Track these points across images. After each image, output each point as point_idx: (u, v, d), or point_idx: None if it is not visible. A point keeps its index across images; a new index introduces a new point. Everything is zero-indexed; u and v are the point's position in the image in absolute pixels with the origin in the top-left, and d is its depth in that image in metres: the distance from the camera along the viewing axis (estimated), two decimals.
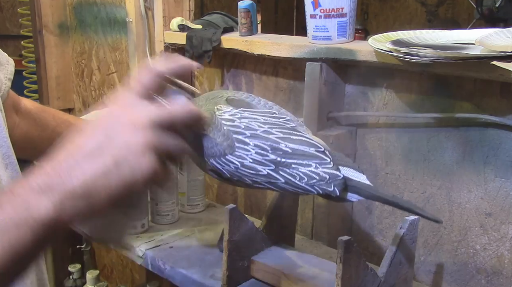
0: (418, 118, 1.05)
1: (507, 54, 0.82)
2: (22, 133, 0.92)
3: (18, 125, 0.92)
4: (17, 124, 0.92)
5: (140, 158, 0.50)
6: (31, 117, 0.95)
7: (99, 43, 1.75)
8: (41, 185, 0.49)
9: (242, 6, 1.24)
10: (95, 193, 0.49)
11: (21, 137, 0.91)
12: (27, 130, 0.93)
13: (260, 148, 0.85)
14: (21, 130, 0.92)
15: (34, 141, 0.94)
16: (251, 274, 0.98)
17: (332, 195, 0.84)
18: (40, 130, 0.95)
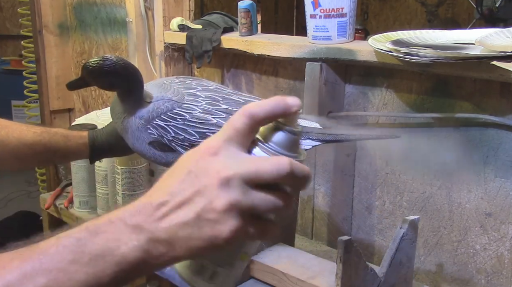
0: (418, 118, 1.05)
1: (507, 54, 0.82)
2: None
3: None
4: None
5: (221, 218, 0.48)
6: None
7: (99, 43, 1.75)
8: (134, 223, 0.49)
9: (242, 6, 1.24)
10: (176, 243, 0.49)
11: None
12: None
13: (211, 99, 0.85)
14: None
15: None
16: (251, 274, 0.98)
17: None
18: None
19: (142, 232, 0.48)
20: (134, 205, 0.50)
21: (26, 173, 3.13)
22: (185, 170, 0.50)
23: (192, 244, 0.48)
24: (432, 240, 1.07)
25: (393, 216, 1.13)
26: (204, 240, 0.48)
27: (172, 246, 0.49)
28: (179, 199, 0.49)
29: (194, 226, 0.48)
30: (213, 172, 0.48)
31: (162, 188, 0.50)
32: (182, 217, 0.48)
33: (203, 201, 0.48)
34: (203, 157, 0.49)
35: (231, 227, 0.48)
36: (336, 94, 1.14)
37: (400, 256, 0.89)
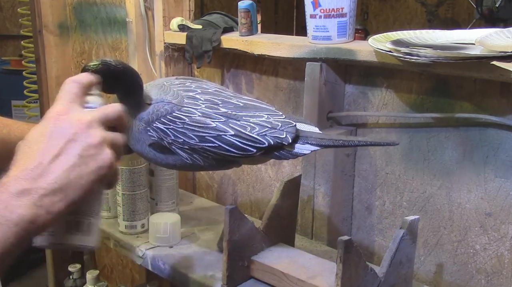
0: (418, 118, 1.05)
1: (507, 54, 0.82)
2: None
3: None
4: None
5: (99, 150, 0.58)
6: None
7: (99, 43, 1.75)
8: (18, 189, 0.54)
9: (242, 6, 1.24)
10: (69, 186, 0.56)
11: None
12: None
13: (210, 102, 0.85)
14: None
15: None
16: (251, 274, 0.98)
17: (284, 142, 0.83)
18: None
19: (31, 193, 0.54)
20: (8, 177, 0.56)
21: None
22: (45, 133, 0.58)
23: (84, 181, 0.57)
24: (432, 240, 1.07)
25: (393, 216, 1.13)
26: (92, 173, 0.58)
27: (65, 191, 0.56)
28: (53, 153, 0.56)
29: (81, 165, 0.57)
30: (75, 122, 0.59)
31: (30, 154, 0.57)
32: (66, 162, 0.56)
33: (79, 144, 0.58)
34: (58, 118, 0.59)
35: (108, 155, 0.59)
36: (336, 94, 1.14)
37: (400, 256, 0.89)
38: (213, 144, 0.84)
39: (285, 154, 0.86)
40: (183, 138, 0.85)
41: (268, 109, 0.87)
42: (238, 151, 0.85)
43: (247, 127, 0.83)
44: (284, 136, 0.83)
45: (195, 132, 0.84)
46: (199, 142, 0.84)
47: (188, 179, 1.55)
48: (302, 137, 0.86)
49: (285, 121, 0.85)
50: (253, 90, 1.33)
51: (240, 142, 0.83)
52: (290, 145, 0.85)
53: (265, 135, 0.83)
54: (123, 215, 1.19)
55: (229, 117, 0.84)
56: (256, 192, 1.39)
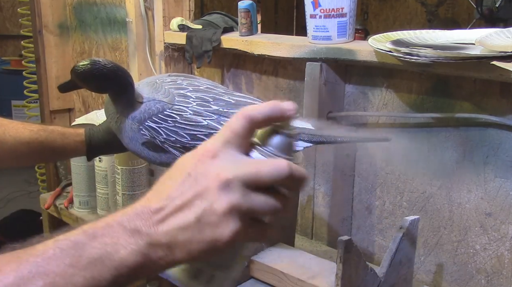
0: (418, 118, 1.05)
1: (507, 54, 0.82)
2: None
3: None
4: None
5: (222, 220, 0.48)
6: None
7: (99, 43, 1.75)
8: (132, 227, 0.48)
9: (242, 6, 1.24)
10: (175, 246, 0.49)
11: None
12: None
13: (202, 100, 0.85)
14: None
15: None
16: (251, 274, 0.98)
17: None
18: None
19: (141, 236, 0.48)
20: (132, 208, 0.50)
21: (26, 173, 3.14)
22: (183, 173, 0.50)
23: (192, 248, 0.48)
24: (432, 240, 1.07)
25: (393, 216, 1.13)
26: (205, 243, 0.48)
27: (171, 250, 0.49)
28: (178, 202, 0.49)
29: (195, 229, 0.48)
30: (213, 175, 0.48)
31: (161, 191, 0.51)
32: (182, 221, 0.48)
33: (203, 204, 0.48)
34: (202, 160, 0.50)
35: (231, 230, 0.48)
36: (336, 94, 1.14)
37: (400, 256, 0.89)
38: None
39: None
40: (175, 137, 0.85)
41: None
42: None
43: None
44: None
45: (186, 130, 0.84)
46: (190, 141, 0.84)
47: None
48: (298, 136, 0.86)
49: None
50: (253, 90, 1.33)
51: None
52: None
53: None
54: None
55: (220, 115, 0.84)
56: None
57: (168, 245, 0.48)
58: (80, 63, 0.88)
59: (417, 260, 1.05)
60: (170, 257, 0.49)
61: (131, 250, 0.48)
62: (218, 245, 0.48)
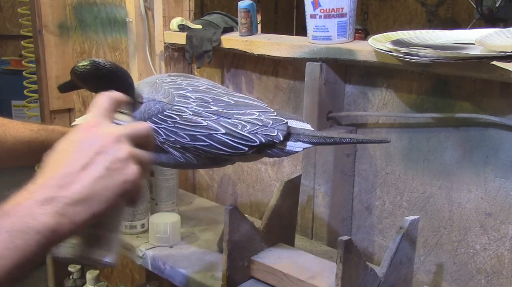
0: (418, 118, 1.05)
1: (507, 54, 0.82)
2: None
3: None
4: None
5: (125, 164, 0.58)
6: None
7: (99, 43, 1.75)
8: (43, 196, 0.53)
9: (242, 6, 1.24)
10: (94, 197, 0.56)
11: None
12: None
13: (201, 100, 0.85)
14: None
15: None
16: (251, 274, 0.98)
17: (275, 140, 0.83)
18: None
19: (55, 201, 0.54)
20: (35, 184, 0.55)
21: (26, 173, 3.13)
22: (74, 144, 0.59)
23: (108, 194, 0.56)
24: (432, 240, 1.07)
25: (393, 216, 1.13)
26: (118, 186, 0.57)
27: (89, 202, 0.55)
28: (81, 163, 0.56)
29: (107, 177, 0.57)
30: (105, 135, 0.59)
31: (57, 163, 0.57)
32: (93, 173, 0.56)
33: (107, 156, 0.57)
34: (88, 130, 0.60)
35: (134, 170, 0.59)
36: (336, 94, 1.14)
37: (400, 256, 0.89)
38: (205, 143, 0.84)
39: (277, 151, 0.86)
40: (175, 137, 0.85)
41: (259, 107, 0.87)
42: (229, 149, 0.85)
43: (238, 125, 0.83)
44: (275, 134, 0.83)
45: (186, 131, 0.84)
46: (190, 141, 0.84)
47: (188, 179, 1.55)
48: (293, 135, 0.86)
49: (276, 119, 0.85)
50: (253, 90, 1.33)
51: (231, 140, 0.83)
52: (282, 142, 0.85)
53: (256, 134, 0.83)
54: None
55: (220, 115, 0.84)
56: (256, 192, 1.39)
57: (85, 198, 0.55)
58: (80, 64, 0.88)
59: (417, 260, 1.05)
60: (89, 209, 0.55)
61: (49, 213, 0.53)
62: (127, 186, 0.58)
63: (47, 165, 0.57)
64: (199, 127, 0.84)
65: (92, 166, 0.56)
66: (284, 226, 1.05)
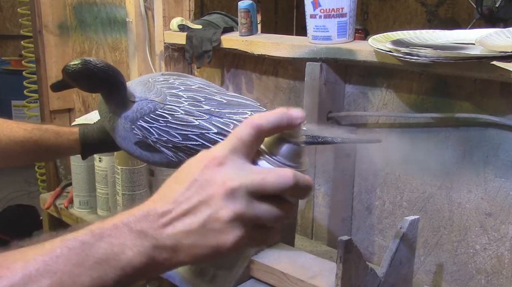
0: (418, 118, 1.05)
1: (507, 54, 0.82)
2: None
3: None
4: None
5: (225, 228, 0.49)
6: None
7: (99, 43, 1.75)
8: (139, 229, 0.49)
9: (242, 6, 1.24)
10: (180, 249, 0.50)
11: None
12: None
13: (193, 99, 0.85)
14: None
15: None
16: (251, 274, 0.98)
17: None
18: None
19: (147, 238, 0.49)
20: (139, 210, 0.51)
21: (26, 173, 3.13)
22: (190, 178, 0.51)
23: (196, 252, 0.50)
24: (432, 240, 1.07)
25: (393, 216, 1.13)
26: (208, 248, 0.49)
27: (176, 253, 0.50)
28: (184, 207, 0.49)
29: (199, 235, 0.49)
30: (219, 182, 0.49)
31: (167, 194, 0.51)
32: (187, 225, 0.49)
33: (209, 210, 0.49)
34: (209, 166, 0.50)
35: (235, 237, 0.49)
36: (336, 94, 1.14)
37: (400, 256, 0.89)
38: (197, 142, 0.84)
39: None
40: (167, 136, 0.85)
41: (252, 106, 0.87)
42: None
43: (230, 125, 0.83)
44: None
45: (178, 130, 0.84)
46: (182, 141, 0.84)
47: None
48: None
49: None
50: (253, 90, 1.33)
51: (223, 140, 0.83)
52: None
53: None
54: None
55: (212, 115, 0.84)
56: None
57: (172, 247, 0.49)
58: (71, 63, 0.87)
59: (417, 260, 1.05)
60: (174, 259, 0.50)
61: (137, 251, 0.49)
62: (221, 251, 0.50)
63: (160, 190, 0.52)
64: (191, 126, 0.84)
65: (190, 215, 0.49)
66: (284, 226, 1.05)
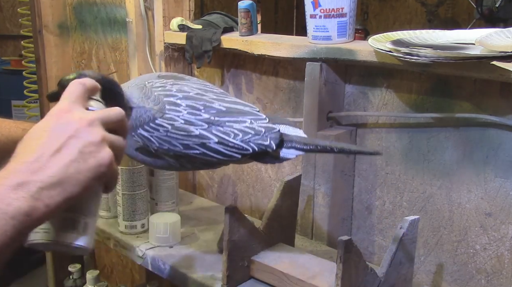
0: (418, 118, 1.05)
1: (507, 54, 0.82)
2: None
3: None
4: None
5: (99, 148, 0.59)
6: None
7: (99, 43, 1.75)
8: (15, 182, 0.54)
9: (242, 6, 1.24)
10: (68, 181, 0.56)
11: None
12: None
13: (192, 108, 0.84)
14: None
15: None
16: (251, 274, 0.98)
17: (268, 149, 0.82)
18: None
19: (28, 185, 0.54)
20: (6, 170, 0.56)
21: None
22: (47, 129, 0.59)
23: (81, 177, 0.57)
24: (432, 240, 1.07)
25: (393, 216, 1.13)
26: (91, 170, 0.58)
27: (63, 186, 0.56)
28: (54, 147, 0.57)
29: (80, 160, 0.57)
30: (78, 119, 0.60)
31: (30, 148, 0.57)
32: (66, 157, 0.57)
33: (80, 140, 0.58)
34: (61, 115, 0.60)
35: (107, 153, 0.59)
36: (336, 94, 1.14)
37: (400, 256, 0.89)
38: (198, 151, 0.84)
39: (270, 159, 0.86)
40: (168, 145, 0.84)
41: (251, 113, 0.86)
42: (223, 157, 0.84)
43: (231, 134, 0.82)
44: (268, 143, 0.82)
45: (179, 140, 0.83)
46: (183, 150, 0.84)
47: (188, 179, 1.55)
48: (286, 142, 0.85)
49: (268, 127, 0.84)
50: (253, 90, 1.33)
51: (224, 149, 0.83)
52: (275, 150, 0.84)
53: (249, 142, 0.82)
54: (123, 215, 1.19)
55: (212, 124, 0.83)
56: (256, 192, 1.39)
57: (59, 182, 0.55)
58: (66, 77, 0.87)
59: (417, 260, 1.05)
60: (62, 193, 0.56)
61: (22, 198, 0.53)
62: (101, 169, 0.58)
63: (20, 151, 0.58)
64: (192, 136, 0.83)
65: (65, 150, 0.57)
66: (284, 226, 1.05)
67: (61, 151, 0.57)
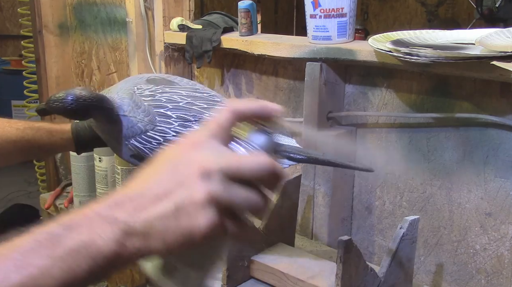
0: (418, 118, 1.05)
1: (507, 54, 0.82)
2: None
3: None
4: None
5: (199, 210, 0.47)
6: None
7: (99, 43, 1.75)
8: (109, 215, 0.48)
9: (242, 6, 1.24)
10: (151, 235, 0.47)
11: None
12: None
13: (183, 119, 0.84)
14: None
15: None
16: (251, 274, 0.98)
17: None
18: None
19: (118, 224, 0.47)
20: (111, 197, 0.49)
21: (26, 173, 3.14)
22: (165, 162, 0.50)
23: (168, 237, 0.47)
24: (432, 240, 1.07)
25: (393, 216, 1.13)
26: (181, 233, 0.47)
27: (147, 239, 0.47)
28: (158, 191, 0.48)
29: (172, 218, 0.47)
30: (195, 164, 0.47)
31: (141, 180, 0.50)
32: (161, 209, 0.47)
33: (183, 192, 0.47)
34: (185, 150, 0.49)
35: (208, 220, 0.47)
36: (336, 94, 1.14)
37: (400, 256, 0.89)
38: None
39: None
40: None
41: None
42: None
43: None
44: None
45: None
46: None
47: None
48: (280, 152, 0.85)
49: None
50: (253, 90, 1.33)
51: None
52: None
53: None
54: None
55: None
56: None
57: (144, 233, 0.47)
58: (53, 96, 0.85)
59: (417, 260, 1.05)
60: (146, 246, 0.48)
61: (107, 238, 0.46)
62: (194, 236, 0.47)
63: (135, 177, 0.51)
64: None
65: (165, 200, 0.47)
66: (284, 226, 1.05)
67: (162, 198, 0.47)
